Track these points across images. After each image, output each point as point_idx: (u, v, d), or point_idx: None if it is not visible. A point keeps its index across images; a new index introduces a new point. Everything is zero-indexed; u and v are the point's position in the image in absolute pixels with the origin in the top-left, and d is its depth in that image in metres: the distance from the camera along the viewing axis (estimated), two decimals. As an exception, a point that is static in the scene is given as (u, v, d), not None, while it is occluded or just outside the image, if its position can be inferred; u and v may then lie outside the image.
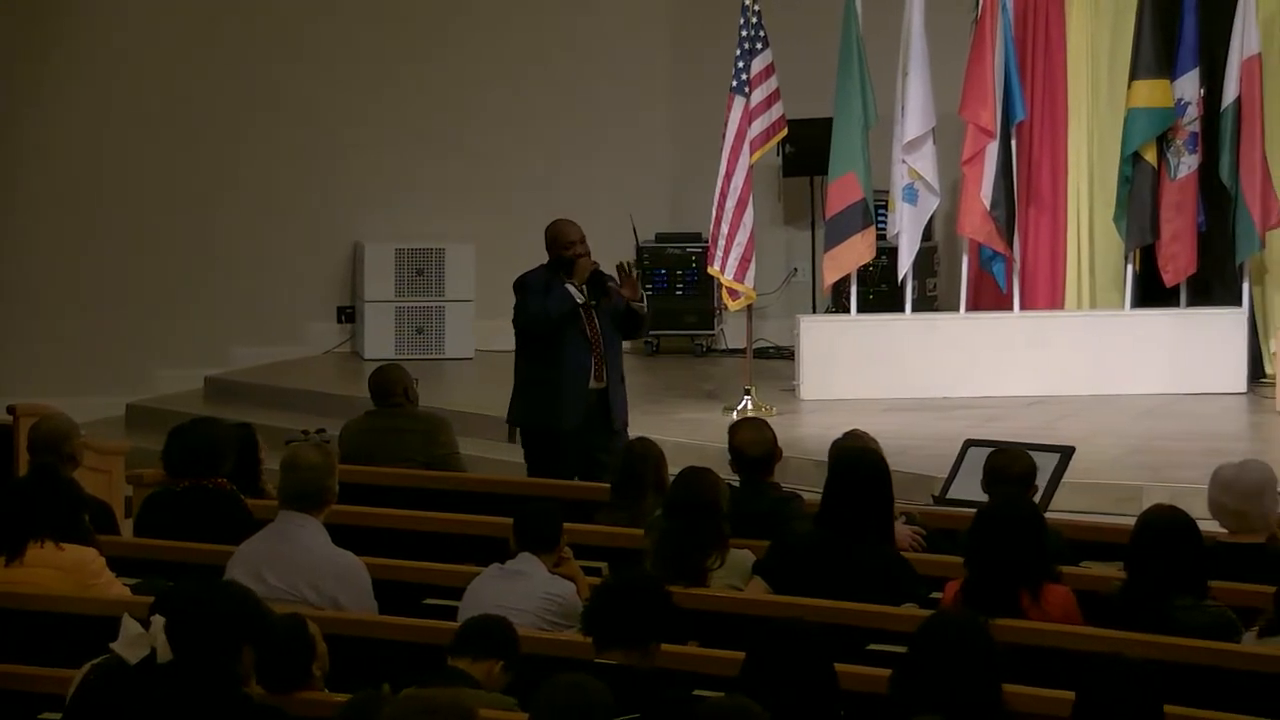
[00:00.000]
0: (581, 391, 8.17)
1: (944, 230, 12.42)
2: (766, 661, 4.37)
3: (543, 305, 8.23)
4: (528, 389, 8.33)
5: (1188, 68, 11.17)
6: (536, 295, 8.29)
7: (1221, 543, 5.65)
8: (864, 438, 6.51)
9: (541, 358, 8.26)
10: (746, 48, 10.98)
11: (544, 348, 8.25)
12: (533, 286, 8.35)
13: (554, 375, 8.19)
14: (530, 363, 8.35)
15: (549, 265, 8.46)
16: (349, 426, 7.95)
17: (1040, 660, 4.90)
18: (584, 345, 8.24)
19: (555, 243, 8.45)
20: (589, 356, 8.24)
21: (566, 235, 8.42)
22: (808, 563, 5.64)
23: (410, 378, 8.06)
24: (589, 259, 8.38)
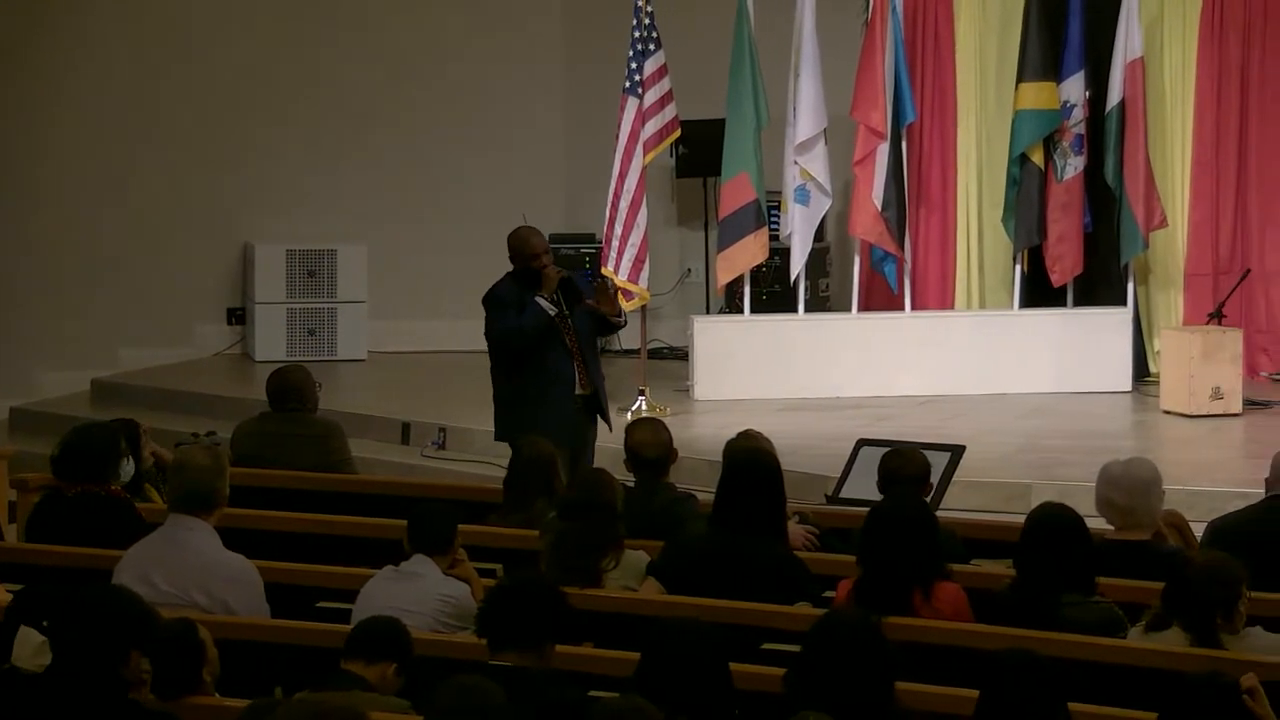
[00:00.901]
0: (566, 402, 7.99)
1: (836, 231, 12.51)
2: (661, 661, 4.38)
3: (517, 323, 8.00)
4: (512, 405, 8.10)
5: (1073, 70, 11.33)
6: (508, 311, 8.05)
7: (1108, 540, 5.72)
8: (757, 438, 6.53)
9: (523, 372, 8.04)
10: (639, 49, 11.00)
11: (524, 362, 8.03)
12: (503, 301, 8.11)
13: (539, 389, 7.98)
14: (511, 378, 8.12)
15: (515, 275, 8.20)
16: (241, 428, 7.86)
17: (932, 658, 4.93)
18: (565, 355, 8.04)
19: (520, 254, 8.19)
20: (571, 365, 8.06)
21: (531, 247, 8.17)
22: (702, 563, 5.65)
23: (313, 382, 7.88)
24: (555, 269, 8.17)
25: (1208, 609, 4.93)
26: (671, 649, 4.38)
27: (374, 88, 13.13)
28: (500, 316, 8.10)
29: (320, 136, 13.06)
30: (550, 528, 5.97)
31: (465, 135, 13.22)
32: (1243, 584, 4.99)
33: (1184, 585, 4.98)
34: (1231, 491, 8.31)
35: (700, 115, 11.95)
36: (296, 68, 13.01)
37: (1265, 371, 11.73)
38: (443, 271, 13.27)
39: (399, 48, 13.18)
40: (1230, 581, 4.97)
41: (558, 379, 8.02)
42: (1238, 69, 11.77)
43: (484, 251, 13.36)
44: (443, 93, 13.21)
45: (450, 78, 13.19)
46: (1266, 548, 5.62)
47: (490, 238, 13.37)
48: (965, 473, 7.41)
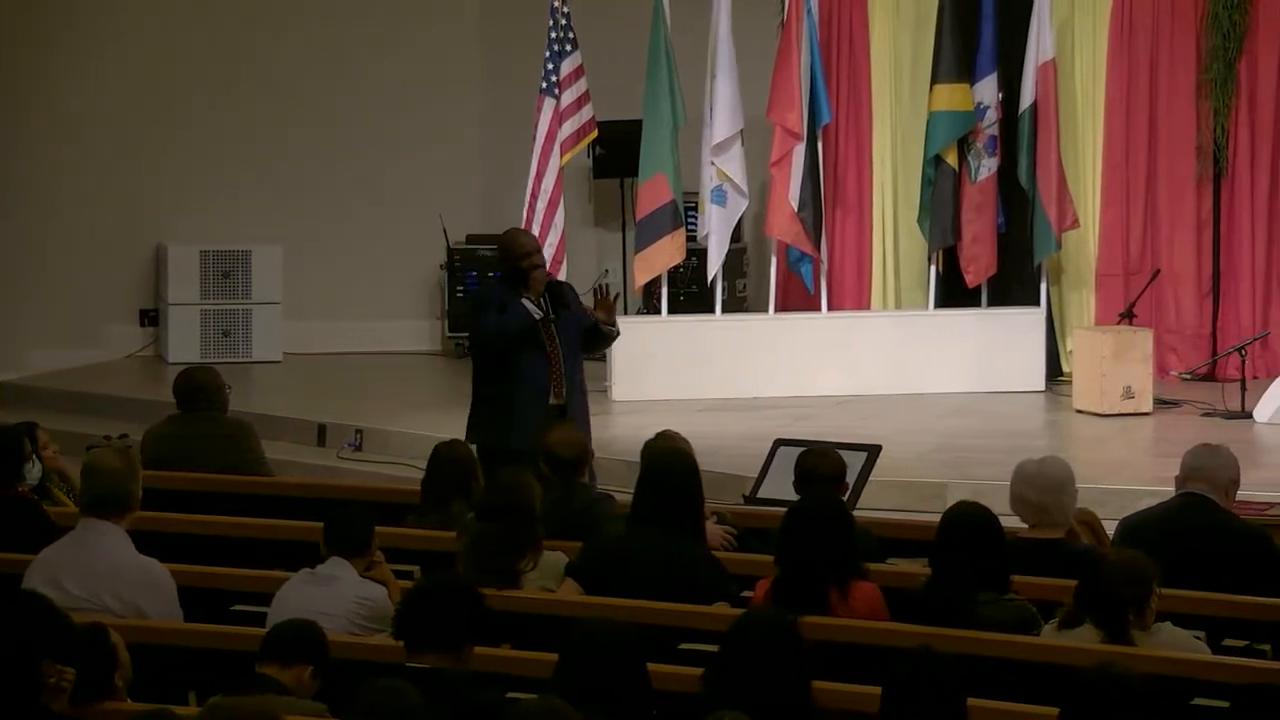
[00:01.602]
0: (537, 409, 7.67)
1: (753, 232, 12.55)
2: (579, 662, 4.37)
3: (499, 323, 7.75)
4: (482, 407, 7.89)
5: (986, 72, 11.42)
6: (492, 312, 7.80)
7: (1022, 538, 5.76)
8: (675, 438, 6.54)
9: (498, 375, 7.81)
10: (556, 49, 10.98)
11: (500, 364, 7.80)
12: (489, 302, 7.88)
13: (509, 392, 7.74)
14: (486, 380, 7.91)
15: (503, 277, 7.98)
16: (151, 432, 7.77)
17: (848, 657, 4.96)
18: (542, 361, 7.78)
19: (508, 254, 7.91)
20: (547, 373, 7.79)
21: (520, 246, 7.90)
22: (619, 563, 5.65)
23: (222, 382, 7.76)
24: (543, 271, 7.93)
25: (1119, 606, 4.98)
26: (589, 650, 4.38)
27: (289, 88, 13.04)
28: (481, 316, 7.85)
29: (235, 137, 12.96)
30: (468, 529, 5.95)
31: (381, 135, 13.16)
32: (1153, 581, 5.04)
33: (1096, 583, 5.02)
34: (1142, 490, 8.40)
35: (617, 116, 11.95)
36: (211, 68, 12.90)
37: (1175, 371, 11.88)
38: (359, 272, 13.21)
39: (313, 48, 13.10)
40: (1141, 579, 5.03)
41: (532, 385, 7.75)
42: (1147, 70, 11.91)
43: (400, 252, 13.35)
44: (358, 93, 13.14)
45: (366, 78, 13.13)
46: (1177, 544, 5.68)
47: (406, 238, 13.37)
48: (881, 472, 7.45)
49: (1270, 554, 5.73)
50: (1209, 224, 11.96)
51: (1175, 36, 11.85)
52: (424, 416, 10.92)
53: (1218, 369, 11.71)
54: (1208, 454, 5.90)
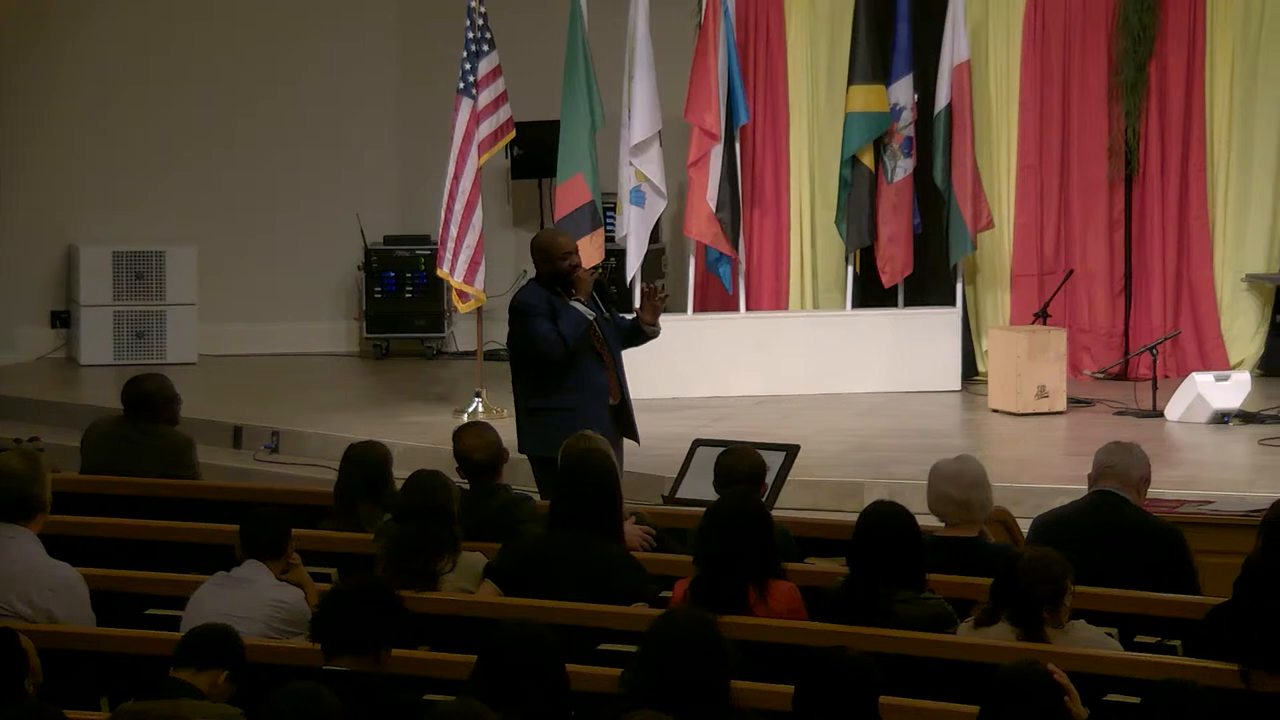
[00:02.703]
0: (603, 414, 7.50)
1: (671, 232, 12.58)
2: (497, 664, 4.36)
3: (555, 331, 7.47)
4: (542, 416, 7.55)
5: (902, 73, 11.50)
6: (543, 320, 7.50)
7: (938, 536, 5.80)
8: (595, 439, 6.53)
9: (557, 384, 7.54)
10: (473, 49, 10.96)
11: (557, 373, 7.53)
12: (536, 309, 7.55)
13: (573, 401, 7.49)
14: (540, 388, 7.61)
15: (542, 280, 7.68)
16: (94, 429, 7.67)
17: (767, 656, 4.97)
18: (598, 363, 7.59)
19: (547, 256, 7.64)
20: (604, 374, 7.61)
21: (559, 247, 7.64)
22: (538, 564, 5.64)
23: (171, 394, 7.60)
24: (588, 270, 7.72)
25: (1034, 603, 5.02)
26: (507, 651, 4.37)
27: (203, 87, 12.94)
28: (535, 325, 7.52)
29: (148, 137, 12.84)
30: (386, 531, 5.92)
31: (297, 135, 13.09)
32: (1067, 578, 5.09)
33: (1012, 581, 5.06)
34: (1056, 488, 8.48)
35: (535, 116, 11.94)
36: (123, 67, 12.78)
37: (1088, 370, 12.00)
38: (275, 273, 13.13)
39: (229, 46, 13.00)
40: (1055, 576, 5.07)
41: (591, 389, 7.55)
42: (1060, 73, 12.03)
43: (317, 253, 13.28)
44: (274, 92, 13.06)
45: (281, 77, 13.05)
46: (1090, 542, 5.74)
47: (323, 239, 13.30)
48: (799, 472, 7.48)
49: (1180, 551, 5.80)
50: (1121, 224, 12.10)
51: (1087, 39, 11.98)
52: (341, 418, 10.86)
53: (1130, 368, 11.84)
54: (1120, 452, 5.96)
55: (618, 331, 7.77)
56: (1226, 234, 12.01)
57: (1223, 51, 11.91)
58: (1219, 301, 12.01)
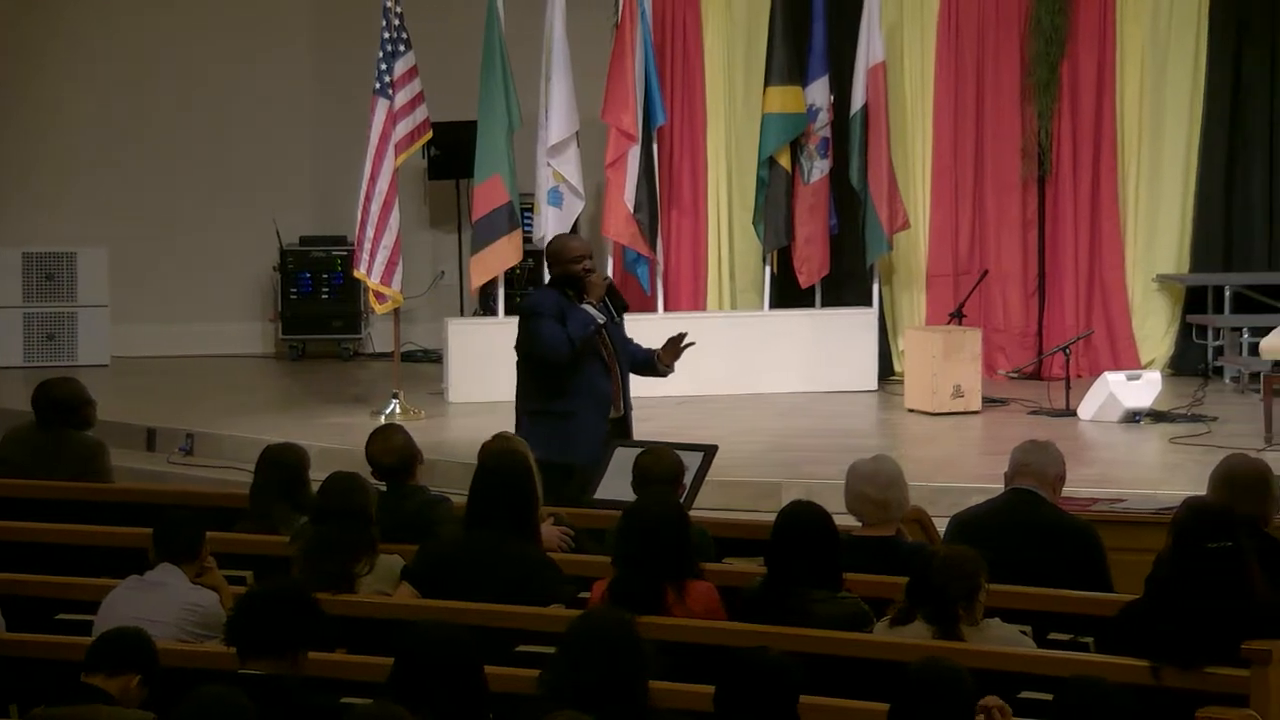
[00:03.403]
0: (601, 422, 7.41)
1: (589, 233, 12.57)
2: (415, 665, 4.35)
3: (564, 333, 7.35)
4: (541, 420, 7.42)
5: (818, 75, 11.56)
6: (551, 321, 7.39)
7: (855, 536, 5.83)
8: (512, 440, 6.52)
9: (558, 388, 7.42)
10: (389, 50, 10.91)
11: (560, 376, 7.42)
12: (544, 311, 7.43)
13: (573, 406, 7.39)
14: (543, 393, 7.47)
15: (554, 283, 7.59)
16: (11, 435, 7.59)
17: (685, 656, 4.98)
18: (603, 372, 7.48)
19: (559, 259, 7.56)
20: (608, 386, 7.49)
21: (571, 250, 7.56)
22: (454, 566, 5.62)
23: (84, 399, 7.52)
24: (600, 274, 7.60)
25: (950, 602, 5.05)
26: (425, 653, 4.35)
27: (116, 86, 12.81)
28: (542, 325, 7.40)
29: (59, 137, 12.70)
30: (302, 534, 5.89)
31: (211, 136, 12.99)
32: (981, 576, 5.13)
33: (927, 579, 5.09)
34: (971, 487, 8.54)
35: (452, 117, 11.91)
36: (35, 67, 12.62)
37: (1002, 370, 12.11)
38: (189, 274, 13.02)
39: (141, 45, 12.88)
40: (970, 574, 5.11)
41: (594, 397, 7.43)
42: (973, 74, 12.14)
43: (232, 254, 13.18)
44: (188, 92, 12.95)
45: (195, 76, 12.94)
46: (1006, 539, 5.79)
47: (238, 240, 13.20)
48: (717, 472, 7.49)
49: (1094, 548, 5.86)
50: (1034, 225, 12.22)
51: (1000, 41, 12.09)
52: (257, 420, 10.79)
53: (1043, 368, 11.96)
54: (1035, 450, 6.01)
55: (626, 347, 7.66)
56: (1137, 234, 12.15)
57: (1132, 53, 12.06)
58: (1130, 301, 12.15)
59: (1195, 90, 12.03)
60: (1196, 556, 4.89)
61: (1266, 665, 4.67)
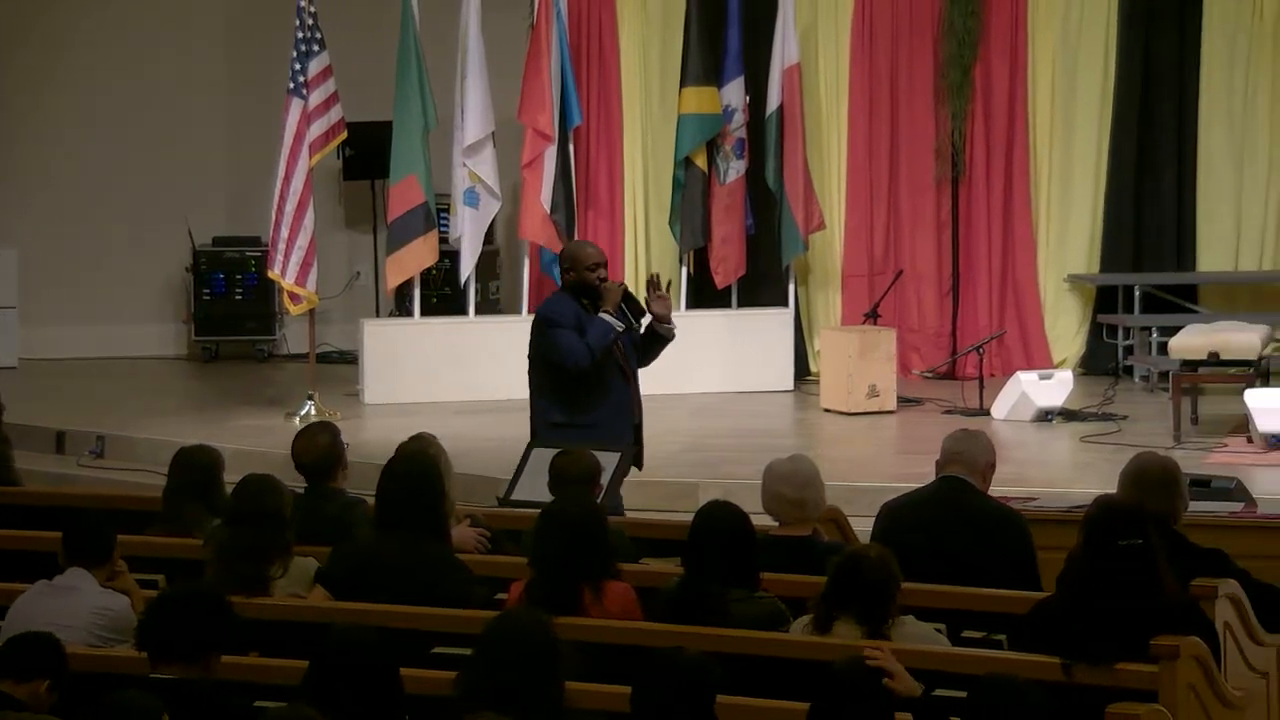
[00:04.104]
0: (627, 430, 7.32)
1: (505, 233, 12.55)
2: (329, 668, 4.32)
3: (582, 343, 7.25)
4: (566, 432, 7.27)
5: (733, 76, 11.60)
6: (569, 332, 7.28)
7: (772, 536, 5.85)
8: (429, 441, 6.49)
9: (581, 399, 7.32)
10: (303, 49, 10.84)
11: (581, 387, 7.31)
12: (563, 320, 7.32)
13: (597, 418, 7.29)
14: (565, 405, 7.38)
15: (568, 289, 7.47)
16: None
17: (602, 656, 4.98)
18: (622, 379, 7.35)
19: (575, 265, 7.44)
20: (628, 391, 7.37)
21: (587, 258, 7.45)
22: (365, 569, 5.59)
23: None
24: (616, 282, 7.46)
25: (885, 600, 5.07)
26: (340, 655, 4.33)
27: (26, 85, 12.65)
28: (561, 336, 7.30)
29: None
30: (215, 536, 5.84)
31: (123, 135, 12.86)
32: (899, 576, 5.15)
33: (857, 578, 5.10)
34: (887, 486, 8.57)
35: (367, 117, 11.85)
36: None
37: (917, 370, 12.19)
38: (100, 275, 12.89)
39: (52, 42, 12.73)
40: (896, 573, 5.13)
41: (616, 405, 7.33)
42: (888, 75, 12.22)
43: (144, 255, 13.04)
44: (100, 93, 12.81)
45: (107, 77, 12.81)
46: (935, 526, 5.82)
47: (150, 241, 13.06)
48: (634, 472, 7.49)
49: (1024, 536, 5.90)
50: (948, 225, 12.31)
51: (914, 42, 12.18)
52: (170, 422, 10.70)
53: (957, 367, 12.05)
54: (966, 439, 6.05)
55: (634, 349, 7.53)
56: (1049, 235, 12.27)
57: (1044, 56, 12.17)
58: (1042, 301, 12.27)
59: (1105, 93, 12.16)
60: (1108, 554, 4.94)
61: (1174, 661, 4.73)
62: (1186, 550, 5.46)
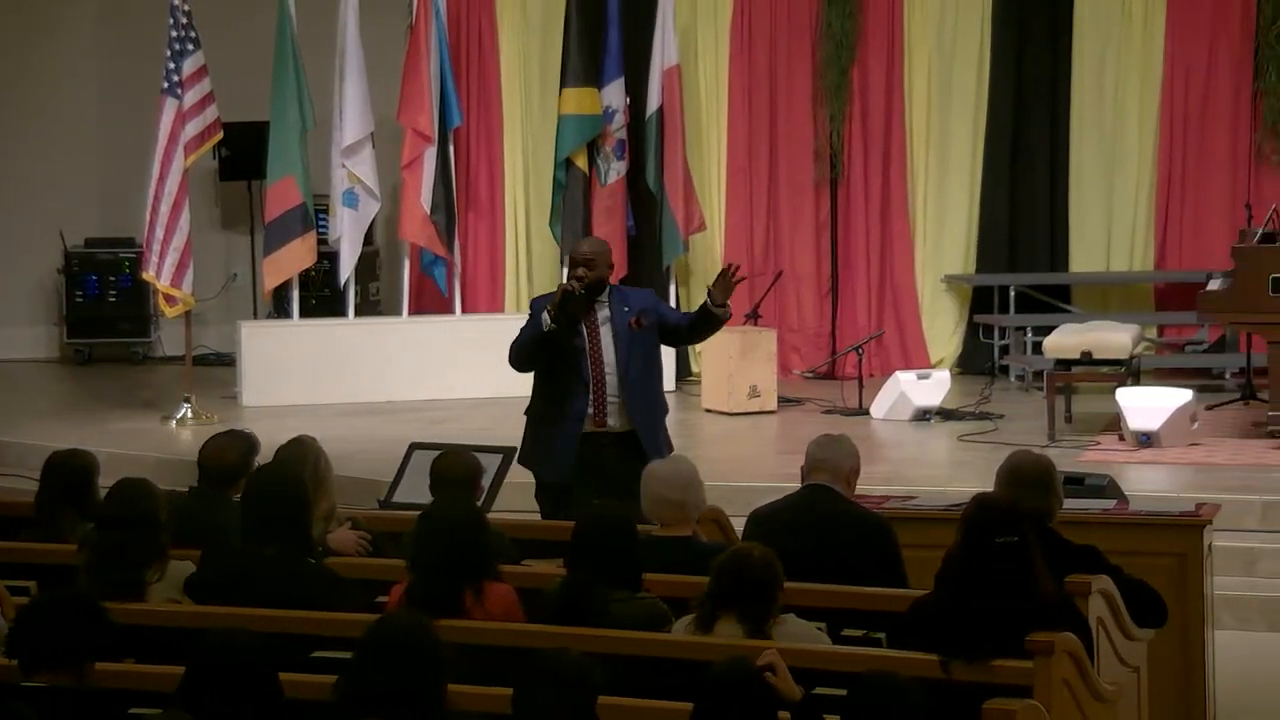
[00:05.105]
0: (570, 439, 7.05)
1: (385, 234, 12.49)
2: (206, 674, 4.27)
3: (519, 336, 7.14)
4: (527, 428, 7.25)
5: (613, 76, 11.62)
6: (528, 324, 7.15)
7: (654, 537, 5.86)
8: (302, 442, 6.43)
9: (544, 394, 7.19)
10: (177, 48, 10.72)
11: (544, 383, 7.16)
12: (533, 313, 7.16)
13: (549, 416, 7.13)
14: (536, 398, 7.27)
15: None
16: None
17: (484, 658, 4.96)
18: (577, 384, 7.08)
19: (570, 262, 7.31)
20: (585, 397, 7.07)
21: (574, 252, 7.32)
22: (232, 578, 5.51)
23: None
24: (573, 284, 7.06)
25: (770, 600, 5.09)
26: (216, 661, 4.28)
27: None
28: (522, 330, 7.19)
29: None
30: (89, 541, 5.75)
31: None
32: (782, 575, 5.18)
33: (738, 576, 5.12)
34: (768, 486, 8.63)
35: (244, 117, 11.74)
36: None
37: (797, 370, 12.28)
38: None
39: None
40: (777, 572, 5.16)
41: (566, 410, 7.10)
42: (766, 77, 12.29)
43: (14, 256, 12.82)
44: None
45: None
46: (803, 535, 5.86)
47: (21, 242, 12.84)
48: (516, 474, 7.48)
49: (890, 543, 5.95)
50: (827, 226, 12.41)
51: (792, 44, 12.26)
52: (42, 425, 10.54)
53: (837, 367, 12.15)
54: (828, 445, 6.08)
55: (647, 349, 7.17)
56: (926, 236, 12.40)
57: (920, 59, 12.31)
58: (920, 302, 12.40)
59: (980, 95, 12.32)
60: (985, 551, 4.99)
61: (1049, 657, 4.79)
62: (1061, 547, 5.54)
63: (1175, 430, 9.73)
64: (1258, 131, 11.93)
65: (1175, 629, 6.04)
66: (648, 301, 7.34)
